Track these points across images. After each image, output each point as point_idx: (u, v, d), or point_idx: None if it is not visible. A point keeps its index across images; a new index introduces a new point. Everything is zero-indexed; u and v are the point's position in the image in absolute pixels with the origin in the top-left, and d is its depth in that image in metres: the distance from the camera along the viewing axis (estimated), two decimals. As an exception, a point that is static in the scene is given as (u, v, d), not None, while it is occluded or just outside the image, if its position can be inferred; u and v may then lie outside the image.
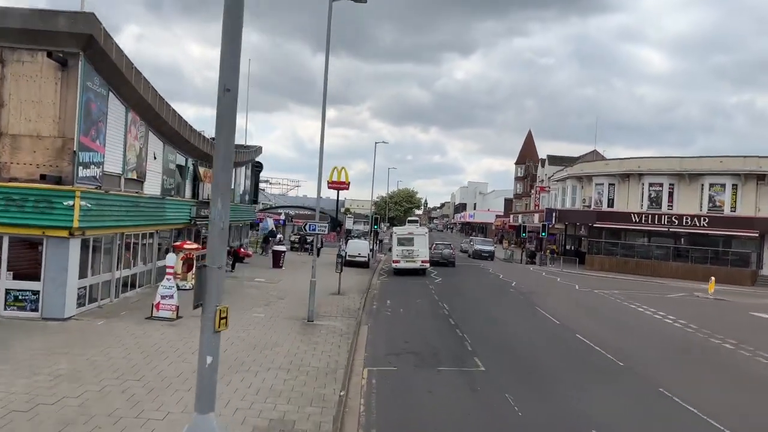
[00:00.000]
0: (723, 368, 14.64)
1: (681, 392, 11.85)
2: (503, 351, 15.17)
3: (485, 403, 10.82)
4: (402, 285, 29.33)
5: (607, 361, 14.44)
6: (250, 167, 40.18)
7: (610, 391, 12.02)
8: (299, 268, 33.05)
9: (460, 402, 10.84)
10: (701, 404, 11.10)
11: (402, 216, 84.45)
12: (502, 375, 12.81)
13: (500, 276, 35.10)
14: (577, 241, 53.89)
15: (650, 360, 14.98)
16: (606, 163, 51.93)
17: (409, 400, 10.82)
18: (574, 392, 11.66)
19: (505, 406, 10.59)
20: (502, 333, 17.66)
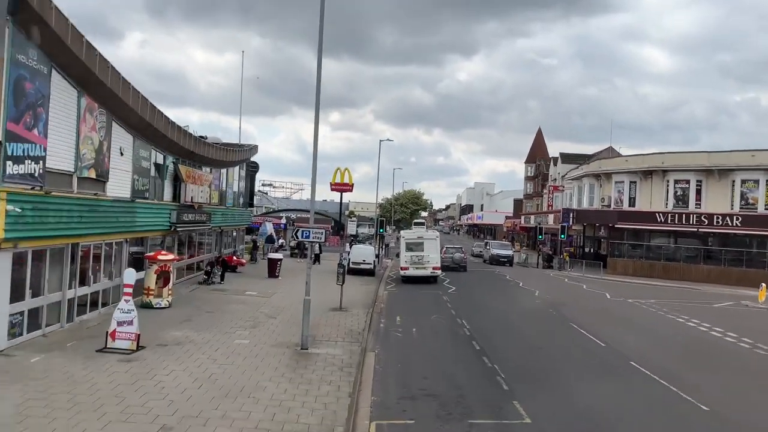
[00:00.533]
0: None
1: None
2: (548, 390, 11.94)
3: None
4: (412, 296, 26.14)
5: (689, 407, 11.18)
6: (245, 167, 37.07)
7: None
8: (297, 277, 29.79)
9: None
10: None
11: (408, 218, 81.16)
12: (556, 430, 9.61)
13: (520, 284, 31.84)
14: (596, 243, 50.54)
15: (741, 404, 11.72)
16: (626, 160, 48.61)
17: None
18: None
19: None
20: (540, 362, 14.42)
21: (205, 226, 26.32)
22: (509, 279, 34.68)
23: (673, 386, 12.27)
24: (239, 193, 35.99)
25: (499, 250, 48.89)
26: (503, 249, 50.09)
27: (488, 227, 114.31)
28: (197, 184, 24.67)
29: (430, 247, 31.51)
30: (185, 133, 22.54)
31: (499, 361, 13.91)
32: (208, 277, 24.90)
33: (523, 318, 20.88)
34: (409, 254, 31.36)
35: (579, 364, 14.41)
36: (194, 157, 24.79)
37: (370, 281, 30.77)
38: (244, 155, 34.91)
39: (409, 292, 27.66)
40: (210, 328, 15.98)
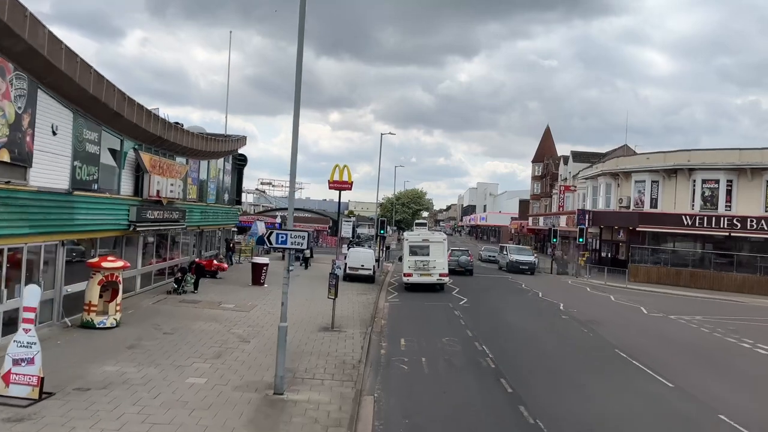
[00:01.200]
0: None
1: None
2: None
3: None
4: (418, 309, 22.44)
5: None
6: (231, 160, 33.35)
7: None
8: None
9: None
10: None
11: (409, 218, 77.46)
12: None
13: (539, 294, 28.10)
14: (614, 247, 46.82)
15: None
16: (647, 157, 44.85)
17: None
18: None
19: None
20: (602, 420, 10.63)
21: (178, 226, 22.61)
22: (525, 288, 30.94)
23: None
24: (224, 188, 32.28)
25: (518, 256, 42.27)
26: (524, 255, 43.15)
27: (492, 229, 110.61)
28: (166, 176, 20.95)
29: (436, 251, 28.15)
30: (150, 114, 18.81)
31: (542, 414, 10.19)
32: (179, 285, 21.18)
33: (555, 342, 17.14)
34: (413, 259, 28.00)
35: (649, 419, 10.66)
36: (164, 144, 21.07)
37: (369, 289, 27.08)
38: (230, 146, 31.19)
39: (414, 303, 23.95)
40: (159, 359, 12.26)
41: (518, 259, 41.66)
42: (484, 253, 52.67)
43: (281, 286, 11.39)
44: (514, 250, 44.55)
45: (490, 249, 55.60)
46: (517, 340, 16.88)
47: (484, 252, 53.29)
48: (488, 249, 55.94)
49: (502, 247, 48.38)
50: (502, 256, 44.93)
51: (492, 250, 53.64)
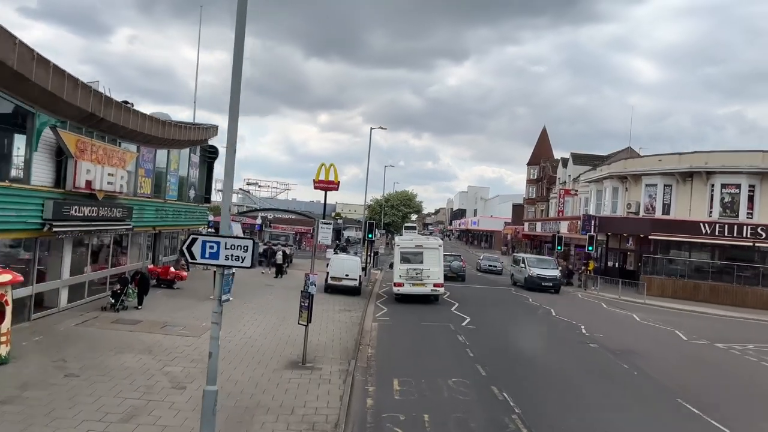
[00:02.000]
0: None
1: None
2: None
3: None
4: (413, 331, 18.47)
5: None
6: (199, 152, 29.20)
7: None
8: (256, 297, 22.09)
9: None
10: None
11: (399, 222, 73.38)
12: None
13: (551, 311, 24.21)
14: (622, 256, 43.16)
15: None
16: (659, 159, 41.21)
17: None
18: None
19: None
20: None
21: (121, 226, 18.47)
22: (533, 303, 27.05)
23: None
24: (190, 183, 28.13)
25: (541, 270, 33.63)
26: (546, 268, 34.26)
27: (484, 233, 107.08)
28: (103, 164, 16.82)
29: (431, 258, 25.24)
30: (76, 83, 14.67)
31: None
32: (117, 300, 17.02)
33: (595, 386, 13.19)
34: (405, 267, 24.98)
35: None
36: (101, 125, 16.92)
37: (353, 303, 23.07)
38: (196, 135, 27.00)
39: (408, 322, 19.96)
40: (35, 426, 8.16)
41: (541, 273, 33.11)
42: (484, 262, 46.74)
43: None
44: (534, 262, 35.26)
45: (491, 258, 49.32)
46: (545, 384, 12.91)
47: (484, 261, 47.16)
48: (489, 258, 49.10)
49: (518, 258, 37.89)
50: (519, 269, 35.92)
51: (493, 259, 48.38)
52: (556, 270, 34.53)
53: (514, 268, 37.03)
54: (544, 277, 32.83)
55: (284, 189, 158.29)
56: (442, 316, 21.67)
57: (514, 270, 37.08)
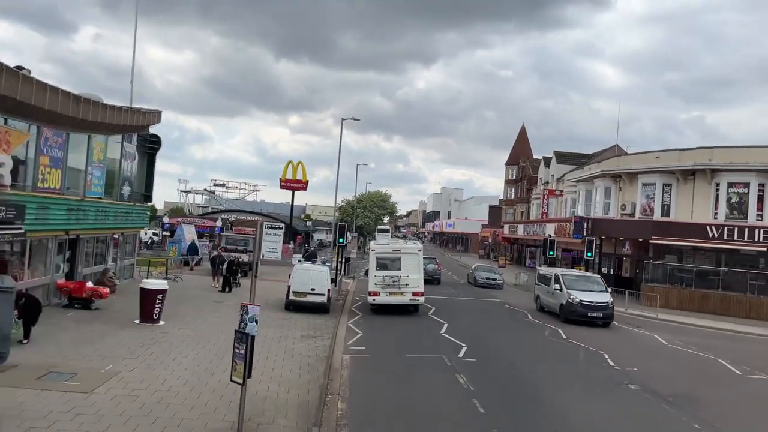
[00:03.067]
0: None
1: None
2: None
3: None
4: (398, 368, 14.13)
5: None
6: (135, 141, 24.43)
7: None
8: (198, 321, 17.45)
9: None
10: None
11: (372, 224, 69.11)
12: None
13: (560, 332, 20.13)
14: (617, 262, 39.56)
15: None
16: (657, 156, 37.76)
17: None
18: None
19: None
20: None
21: (5, 231, 13.74)
22: (535, 321, 22.95)
23: None
24: (122, 178, 23.34)
25: (584, 294, 23.23)
26: (592, 290, 23.80)
27: (460, 236, 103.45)
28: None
29: (409, 264, 22.90)
30: None
31: None
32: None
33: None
34: (381, 274, 22.65)
35: None
36: (16, 107, 12.15)
37: (320, 325, 18.66)
38: (130, 120, 22.14)
39: (390, 355, 15.65)
40: None
41: (586, 299, 22.81)
42: (481, 274, 38.27)
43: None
44: (572, 280, 24.49)
45: (487, 269, 40.80)
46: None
47: (480, 273, 38.61)
48: (484, 269, 40.44)
49: (548, 275, 26.19)
50: (552, 292, 24.65)
51: (489, 270, 40.17)
52: (606, 293, 24.02)
53: (542, 288, 26.61)
54: (592, 305, 22.86)
55: (253, 190, 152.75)
56: (432, 342, 17.41)
57: (542, 292, 26.53)
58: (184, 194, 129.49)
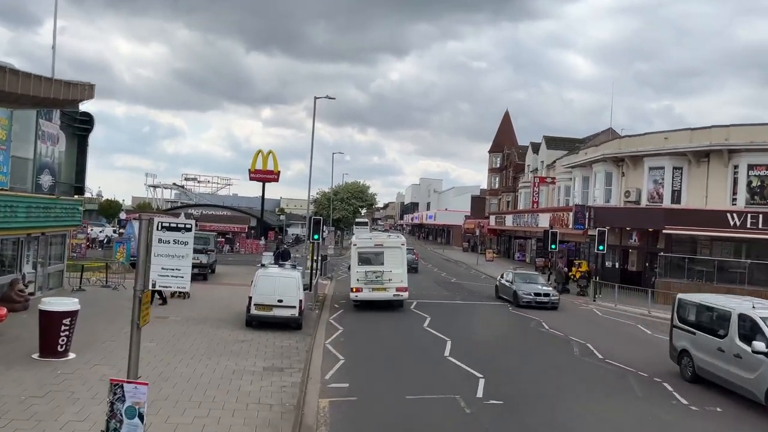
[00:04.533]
0: None
1: None
2: None
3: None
4: (400, 421, 9.95)
5: None
6: (58, 119, 19.74)
7: None
8: (121, 352, 12.89)
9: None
10: None
11: (350, 217, 64.69)
12: None
13: (590, 347, 16.08)
14: (623, 255, 35.89)
15: None
16: (665, 137, 34.08)
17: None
18: None
19: None
20: None
21: None
22: (549, 330, 18.97)
23: None
24: (42, 166, 18.69)
25: None
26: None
27: (441, 228, 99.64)
28: None
29: (392, 258, 22.52)
30: None
31: None
32: None
33: None
34: (364, 269, 22.28)
35: None
36: None
37: (289, 350, 14.41)
38: (49, 92, 17.50)
39: (386, 397, 11.46)
40: None
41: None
42: (526, 288, 25.04)
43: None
44: None
45: (529, 276, 28.04)
46: None
47: (524, 286, 25.30)
48: (527, 277, 27.40)
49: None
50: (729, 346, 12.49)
51: (534, 279, 27.23)
52: None
53: None
54: None
55: (225, 184, 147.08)
56: (438, 370, 13.29)
57: None
58: (152, 189, 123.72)
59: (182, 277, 5.53)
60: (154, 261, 5.41)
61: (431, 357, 14.57)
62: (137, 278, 5.33)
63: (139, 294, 5.32)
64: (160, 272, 5.40)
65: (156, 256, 5.40)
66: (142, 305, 5.35)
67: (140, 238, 5.24)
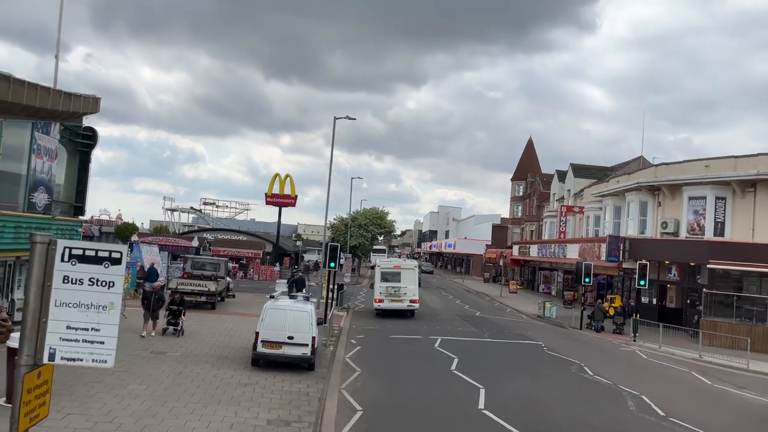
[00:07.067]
0: None
1: None
2: None
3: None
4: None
5: None
6: (56, 133, 18.28)
7: None
8: (104, 399, 10.89)
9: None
10: None
11: (368, 244, 62.64)
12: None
13: (653, 406, 13.84)
14: (660, 290, 33.42)
15: None
16: (706, 165, 31.92)
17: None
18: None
19: None
20: None
21: None
22: (593, 376, 16.69)
23: None
24: (37, 183, 17.15)
25: None
26: None
27: (460, 257, 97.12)
28: None
29: (407, 278, 28.62)
30: None
31: None
32: None
33: None
34: (385, 285, 28.41)
35: None
36: None
37: (299, 396, 12.43)
38: (49, 102, 16.06)
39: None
40: None
41: None
42: None
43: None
44: None
45: None
46: None
47: None
48: None
49: None
50: None
51: None
52: None
53: None
54: None
55: (243, 209, 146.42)
56: (465, 422, 11.20)
57: None
58: (169, 213, 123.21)
59: (102, 342, 3.40)
60: (53, 314, 3.36)
61: (463, 410, 12.48)
62: (22, 342, 3.29)
63: (24, 371, 3.26)
64: (64, 334, 3.32)
65: (57, 306, 3.38)
66: (24, 392, 3.21)
67: (30, 273, 3.33)
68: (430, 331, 23.86)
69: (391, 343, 20.71)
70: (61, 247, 3.40)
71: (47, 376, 3.67)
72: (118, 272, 3.50)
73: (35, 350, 3.34)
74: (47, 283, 3.30)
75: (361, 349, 19.16)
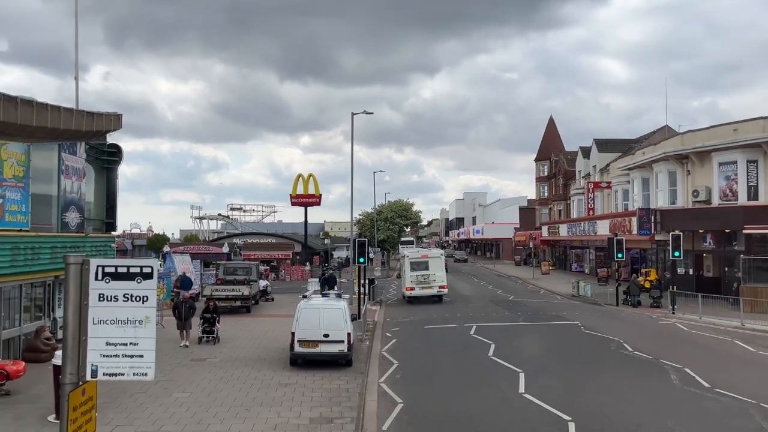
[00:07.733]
0: None
1: None
2: None
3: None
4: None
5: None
6: (82, 152, 18.65)
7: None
8: (150, 408, 11.15)
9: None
10: None
11: (395, 237, 62.67)
12: None
13: (664, 363, 13.65)
14: (696, 260, 32.81)
15: None
16: (735, 129, 31.09)
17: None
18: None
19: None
20: None
21: None
22: (632, 351, 16.49)
23: None
24: (67, 202, 17.54)
25: None
26: None
27: (489, 242, 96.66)
28: None
29: (435, 265, 30.25)
30: None
31: None
32: None
33: None
34: (415, 274, 30.01)
35: None
36: None
37: (339, 392, 12.55)
38: (80, 124, 16.39)
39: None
40: None
41: None
42: None
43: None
44: None
45: None
46: None
47: None
48: None
49: None
50: None
51: None
52: None
53: None
54: None
55: (270, 212, 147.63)
56: (517, 418, 11.17)
57: None
58: (198, 221, 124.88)
59: (141, 355, 3.53)
60: (92, 332, 3.48)
61: (504, 395, 12.45)
62: (65, 361, 3.39)
63: (69, 389, 3.37)
64: (104, 350, 3.44)
65: (95, 324, 3.49)
66: (70, 410, 3.32)
67: (67, 293, 3.42)
68: (465, 318, 23.81)
69: (426, 334, 20.73)
70: (95, 266, 3.49)
71: (91, 393, 3.78)
72: (151, 286, 3.59)
73: (78, 368, 3.45)
74: (84, 302, 3.40)
75: (396, 341, 19.23)
